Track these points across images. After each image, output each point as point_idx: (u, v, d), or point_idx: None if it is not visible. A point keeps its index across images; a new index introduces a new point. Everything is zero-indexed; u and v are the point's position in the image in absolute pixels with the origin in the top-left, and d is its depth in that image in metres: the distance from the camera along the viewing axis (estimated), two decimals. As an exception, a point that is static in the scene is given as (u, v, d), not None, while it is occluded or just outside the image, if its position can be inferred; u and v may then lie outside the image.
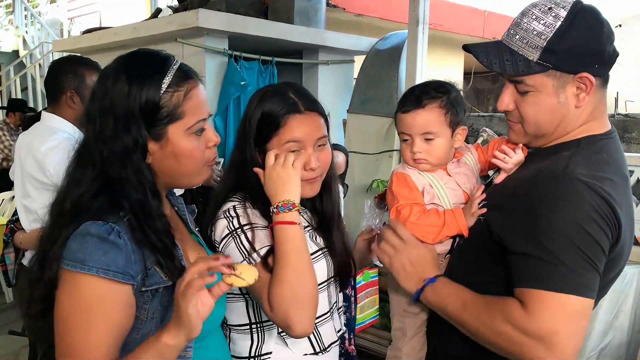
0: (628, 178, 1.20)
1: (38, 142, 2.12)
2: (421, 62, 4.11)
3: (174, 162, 1.14)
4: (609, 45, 1.15)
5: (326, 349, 1.38)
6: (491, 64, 1.21)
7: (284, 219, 1.24)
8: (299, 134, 1.31)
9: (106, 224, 1.04)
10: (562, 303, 1.08)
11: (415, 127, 1.37)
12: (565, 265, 1.08)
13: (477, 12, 9.26)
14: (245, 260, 1.25)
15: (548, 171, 1.16)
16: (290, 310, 1.18)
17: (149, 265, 1.07)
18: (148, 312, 1.09)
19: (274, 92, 1.36)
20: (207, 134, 1.18)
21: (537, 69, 1.15)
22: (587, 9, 1.15)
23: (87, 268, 1.01)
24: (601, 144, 1.19)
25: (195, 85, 1.15)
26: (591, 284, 1.09)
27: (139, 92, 1.08)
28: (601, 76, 1.17)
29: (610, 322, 2.81)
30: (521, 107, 1.21)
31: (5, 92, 8.73)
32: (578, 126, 1.20)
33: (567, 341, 1.09)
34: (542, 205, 1.11)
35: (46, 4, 12.63)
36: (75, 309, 1.03)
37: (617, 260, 1.17)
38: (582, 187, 1.09)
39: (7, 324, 4.04)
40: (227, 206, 1.33)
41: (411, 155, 1.39)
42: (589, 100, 1.17)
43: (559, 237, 1.09)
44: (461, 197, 1.38)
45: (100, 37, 4.87)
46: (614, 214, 1.09)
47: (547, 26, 1.13)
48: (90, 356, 1.01)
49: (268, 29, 4.23)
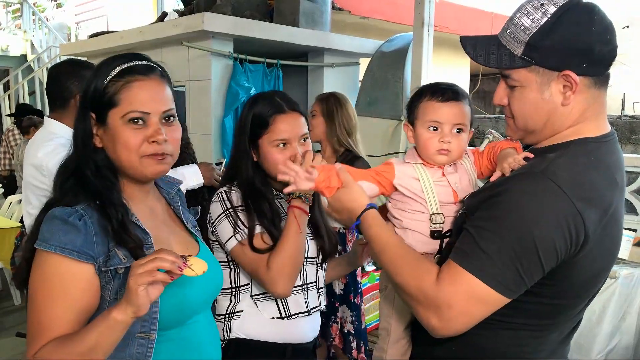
0: (618, 181, 1.17)
1: (35, 149, 2.10)
2: (427, 64, 4.11)
3: (112, 149, 1.24)
4: (601, 45, 1.12)
5: (291, 315, 1.63)
6: (476, 57, 1.23)
7: (302, 206, 1.57)
8: (285, 131, 1.61)
9: (72, 208, 1.17)
10: (468, 284, 1.10)
11: (452, 116, 1.40)
12: (490, 255, 1.09)
13: (484, 14, 9.25)
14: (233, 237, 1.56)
15: (528, 167, 1.17)
16: (282, 272, 1.52)
17: (112, 248, 1.18)
18: (111, 293, 1.18)
19: (263, 97, 1.69)
20: (148, 130, 1.23)
21: (520, 63, 1.16)
22: (580, 6, 1.13)
23: (49, 246, 1.14)
24: (591, 147, 1.16)
25: (143, 80, 1.24)
26: (504, 280, 1.09)
27: (93, 81, 1.25)
28: (591, 75, 1.14)
29: (618, 325, 2.80)
30: (511, 102, 1.22)
31: (14, 96, 8.79)
32: (568, 126, 1.18)
33: (458, 318, 1.12)
34: (505, 195, 1.12)
35: (54, 8, 12.71)
36: (40, 284, 1.15)
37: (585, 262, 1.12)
38: (553, 190, 1.08)
39: (15, 326, 4.07)
40: (220, 190, 1.64)
41: (438, 145, 1.40)
42: (578, 100, 1.15)
43: (501, 227, 1.09)
44: (451, 196, 1.40)
45: (107, 41, 4.91)
46: (582, 223, 1.07)
47: (534, 21, 1.13)
48: (51, 328, 1.11)
49: (273, 32, 4.24)
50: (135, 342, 1.17)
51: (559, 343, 1.25)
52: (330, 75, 4.75)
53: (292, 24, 4.47)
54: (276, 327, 1.62)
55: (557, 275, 1.12)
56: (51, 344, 1.10)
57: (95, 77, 1.25)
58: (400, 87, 4.39)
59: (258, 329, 1.61)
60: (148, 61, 1.29)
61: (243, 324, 1.61)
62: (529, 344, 1.21)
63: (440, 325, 1.13)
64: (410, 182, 1.42)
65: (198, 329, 1.31)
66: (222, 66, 4.04)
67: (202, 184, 2.20)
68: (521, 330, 1.15)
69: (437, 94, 1.42)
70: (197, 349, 1.31)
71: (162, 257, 1.06)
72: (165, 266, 1.06)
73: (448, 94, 1.42)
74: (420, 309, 1.16)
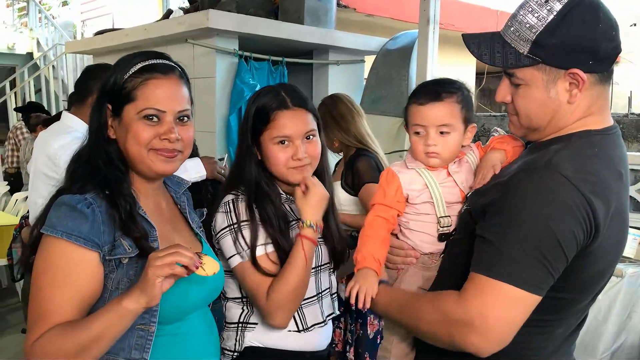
0: (623, 175, 1.16)
1: (52, 140, 2.18)
2: (432, 62, 4.10)
3: (124, 141, 1.26)
4: (606, 42, 1.12)
5: (308, 328, 1.55)
6: (481, 56, 1.21)
7: (310, 235, 1.46)
8: (287, 127, 1.50)
9: (80, 196, 1.19)
10: (496, 290, 1.07)
11: (434, 118, 1.37)
12: (516, 258, 1.07)
13: (490, 11, 9.21)
14: (236, 255, 1.46)
15: (531, 162, 1.16)
16: (281, 305, 1.43)
17: (117, 238, 1.19)
18: (113, 282, 1.19)
19: (268, 91, 1.56)
20: (162, 127, 1.25)
21: (526, 62, 1.14)
22: (585, 4, 1.12)
23: (55, 231, 1.15)
24: (595, 139, 1.16)
25: (161, 78, 1.26)
26: (534, 280, 1.07)
27: (112, 76, 1.27)
28: (597, 72, 1.14)
29: (624, 323, 2.79)
30: (515, 100, 1.21)
31: (20, 94, 8.83)
32: (573, 122, 1.17)
33: (497, 325, 1.07)
34: (514, 194, 1.10)
35: (59, 6, 12.74)
36: (44, 269, 1.16)
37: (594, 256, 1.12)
38: (560, 181, 1.07)
39: (20, 323, 4.09)
40: (227, 199, 1.51)
41: (424, 149, 1.38)
42: (583, 97, 1.14)
43: (519, 227, 1.07)
44: (458, 195, 1.38)
45: (112, 39, 4.91)
46: (592, 212, 1.06)
47: (540, 19, 1.12)
48: (54, 313, 1.12)
49: (278, 30, 4.23)
50: (135, 333, 1.18)
51: (564, 340, 1.24)
52: (335, 73, 4.74)
53: (297, 21, 4.46)
54: (293, 339, 1.54)
55: (567, 270, 1.11)
56: (54, 330, 1.10)
57: (116, 71, 1.28)
58: (405, 85, 4.37)
59: (275, 340, 1.53)
60: (169, 61, 1.32)
61: (258, 336, 1.53)
62: (534, 340, 1.19)
63: (480, 340, 1.08)
64: (417, 187, 1.39)
65: (196, 324, 1.33)
66: (227, 64, 4.04)
67: (205, 176, 2.22)
68: (525, 326, 1.15)
69: (418, 96, 1.40)
70: (195, 344, 1.32)
71: (181, 252, 1.09)
72: (184, 261, 1.08)
73: (428, 95, 1.38)
74: (455, 334, 1.10)
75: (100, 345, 1.10)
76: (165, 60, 1.31)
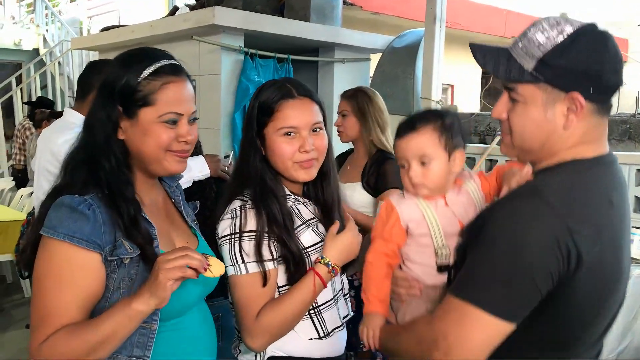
0: (614, 203, 1.13)
1: (56, 136, 2.19)
2: (438, 60, 4.09)
3: (139, 142, 1.25)
4: (610, 73, 1.11)
5: (329, 333, 1.48)
6: (485, 64, 1.20)
7: (325, 276, 1.40)
8: (292, 118, 1.42)
9: (80, 197, 1.18)
10: (459, 310, 1.07)
11: (410, 150, 1.35)
12: (482, 280, 1.07)
13: (497, 10, 9.19)
14: (232, 267, 1.38)
15: (517, 189, 1.17)
16: (270, 331, 1.37)
17: (118, 238, 1.19)
18: (115, 282, 1.20)
19: (272, 83, 1.50)
20: (180, 129, 1.26)
21: (529, 78, 1.13)
22: (596, 32, 1.12)
23: (57, 234, 1.14)
24: (584, 167, 1.14)
25: (176, 81, 1.26)
26: (501, 304, 1.06)
27: (122, 75, 1.24)
28: (596, 102, 1.12)
29: (629, 325, 2.77)
30: (510, 117, 1.19)
31: (26, 90, 8.85)
32: (566, 148, 1.15)
33: (457, 345, 1.07)
34: (495, 218, 1.10)
35: (66, 3, 12.78)
36: (47, 271, 1.16)
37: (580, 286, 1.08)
38: (540, 208, 1.05)
39: (25, 318, 4.10)
40: (234, 205, 1.43)
41: (409, 180, 1.37)
42: (579, 124, 1.13)
43: (492, 252, 1.07)
44: (456, 225, 1.35)
45: (118, 35, 4.92)
46: (573, 241, 1.03)
47: (549, 39, 1.11)
48: (60, 315, 1.13)
49: (284, 27, 4.23)
50: (137, 331, 1.18)
51: None
52: (341, 71, 4.73)
53: (303, 18, 4.46)
54: (316, 346, 1.47)
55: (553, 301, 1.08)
56: (62, 332, 1.11)
57: (125, 72, 1.24)
58: (411, 84, 4.36)
59: (299, 348, 1.45)
60: (172, 59, 1.32)
61: (281, 344, 1.43)
62: None
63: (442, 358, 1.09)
64: (416, 218, 1.37)
65: (194, 319, 1.34)
66: (232, 61, 4.03)
67: (208, 174, 2.21)
68: None
69: (398, 130, 1.39)
70: (194, 338, 1.33)
71: (191, 254, 1.11)
72: (193, 264, 1.11)
73: (405, 128, 1.36)
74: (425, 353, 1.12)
75: (109, 346, 1.12)
76: (171, 59, 1.30)
